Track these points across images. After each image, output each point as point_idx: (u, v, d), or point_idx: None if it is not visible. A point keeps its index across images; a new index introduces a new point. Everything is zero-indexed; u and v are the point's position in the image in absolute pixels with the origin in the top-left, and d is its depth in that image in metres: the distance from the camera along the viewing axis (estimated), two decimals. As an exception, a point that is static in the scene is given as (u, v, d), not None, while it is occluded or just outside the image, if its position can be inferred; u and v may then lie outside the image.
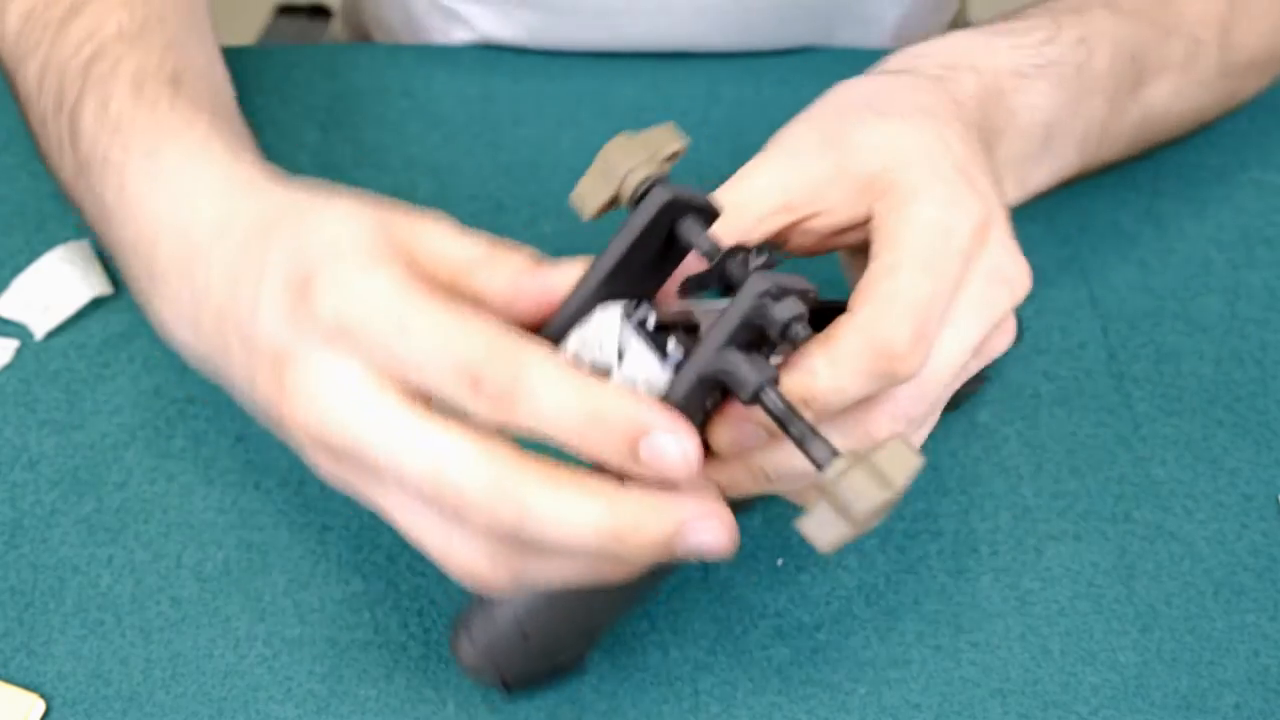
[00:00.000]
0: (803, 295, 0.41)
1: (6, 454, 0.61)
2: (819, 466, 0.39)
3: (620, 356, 0.42)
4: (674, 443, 0.38)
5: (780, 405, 0.40)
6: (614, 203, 0.44)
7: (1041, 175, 0.56)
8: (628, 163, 0.43)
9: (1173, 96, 0.61)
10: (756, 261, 0.43)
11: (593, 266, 0.42)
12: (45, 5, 0.61)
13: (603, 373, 0.42)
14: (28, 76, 0.60)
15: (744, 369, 0.40)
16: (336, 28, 1.05)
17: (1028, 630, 0.56)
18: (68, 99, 0.56)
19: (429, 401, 0.41)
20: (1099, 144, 0.58)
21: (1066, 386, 0.64)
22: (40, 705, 0.54)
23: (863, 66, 0.76)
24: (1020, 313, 0.66)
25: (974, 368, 0.48)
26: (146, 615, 0.57)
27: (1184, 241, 0.69)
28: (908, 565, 0.58)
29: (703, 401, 0.42)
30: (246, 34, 1.29)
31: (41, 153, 0.62)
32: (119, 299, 0.67)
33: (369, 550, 0.58)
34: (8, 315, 0.66)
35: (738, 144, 0.73)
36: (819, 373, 0.42)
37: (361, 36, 0.97)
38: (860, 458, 0.39)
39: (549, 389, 0.39)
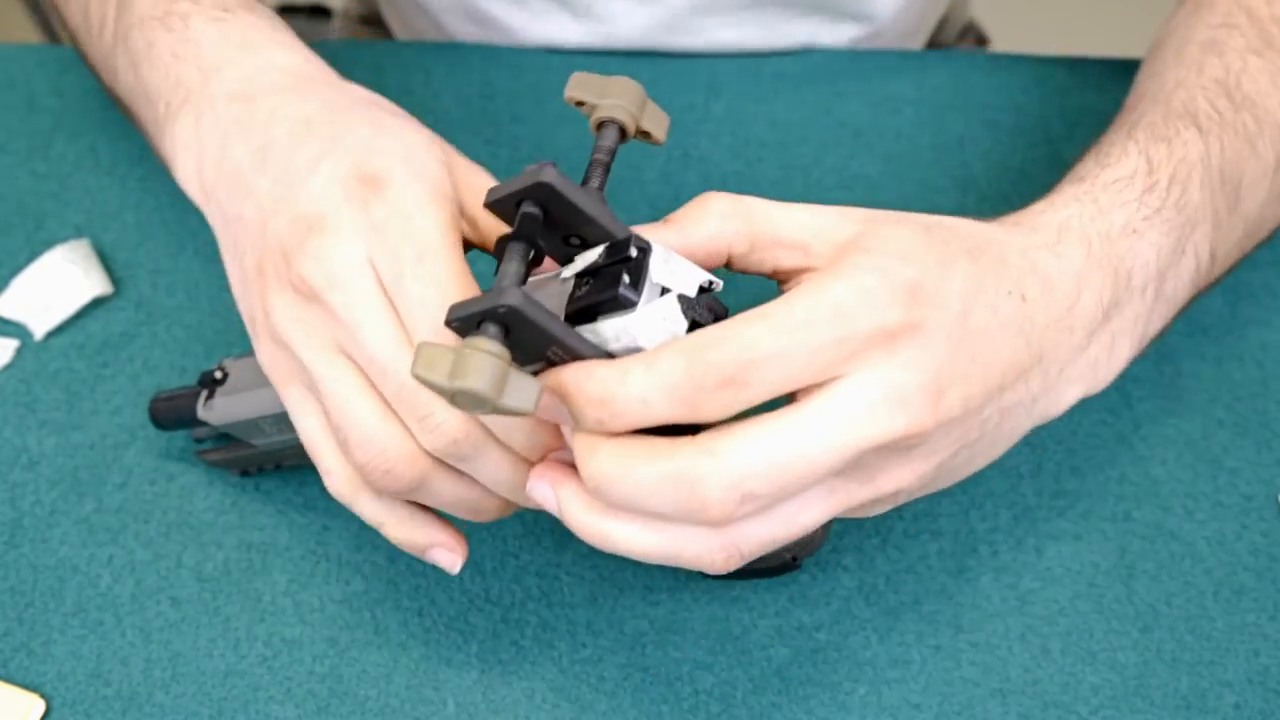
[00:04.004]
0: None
1: (6, 454, 0.61)
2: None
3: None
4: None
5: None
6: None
7: (1158, 322, 0.54)
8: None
9: (1266, 202, 0.59)
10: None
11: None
12: None
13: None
14: None
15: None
16: (336, 25, 1.04)
17: (1028, 630, 0.56)
18: None
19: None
20: (1209, 271, 0.56)
21: (1067, 386, 0.64)
22: (40, 705, 0.54)
23: (861, 67, 0.77)
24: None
25: (843, 495, 0.45)
26: (146, 615, 0.57)
27: (1184, 241, 0.69)
28: (908, 565, 0.58)
29: None
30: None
31: (80, 44, 0.67)
32: (119, 298, 0.67)
33: (369, 550, 0.58)
34: (7, 315, 0.66)
35: (737, 138, 0.73)
36: (631, 375, 0.41)
37: (367, 22, 0.97)
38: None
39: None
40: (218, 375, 0.57)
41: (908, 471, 0.45)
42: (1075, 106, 0.75)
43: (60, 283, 0.65)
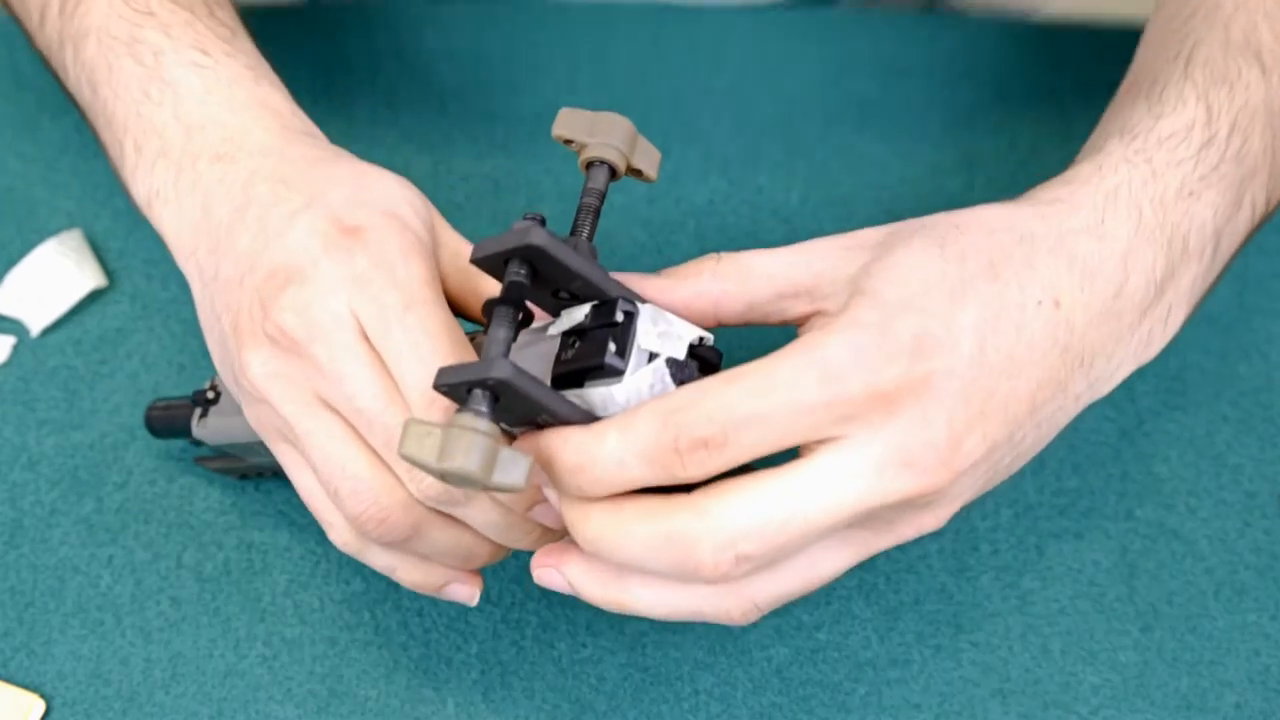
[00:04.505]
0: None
1: (6, 454, 0.61)
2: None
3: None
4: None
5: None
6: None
7: (1211, 279, 0.52)
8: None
9: None
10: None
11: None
12: None
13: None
14: None
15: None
16: None
17: (1028, 630, 0.56)
18: None
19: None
20: (1262, 216, 0.53)
21: (1070, 378, 0.63)
22: (40, 705, 0.55)
23: (872, 23, 0.75)
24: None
25: (861, 545, 0.44)
26: (146, 615, 0.57)
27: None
28: (908, 565, 0.58)
29: None
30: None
31: (12, 12, 0.64)
32: (115, 291, 0.66)
33: (369, 550, 0.58)
34: (3, 311, 0.65)
35: (738, 113, 0.72)
36: (606, 439, 0.41)
37: None
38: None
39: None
40: (210, 395, 0.56)
41: (930, 518, 0.44)
42: (1091, 80, 0.73)
43: (54, 277, 0.65)
